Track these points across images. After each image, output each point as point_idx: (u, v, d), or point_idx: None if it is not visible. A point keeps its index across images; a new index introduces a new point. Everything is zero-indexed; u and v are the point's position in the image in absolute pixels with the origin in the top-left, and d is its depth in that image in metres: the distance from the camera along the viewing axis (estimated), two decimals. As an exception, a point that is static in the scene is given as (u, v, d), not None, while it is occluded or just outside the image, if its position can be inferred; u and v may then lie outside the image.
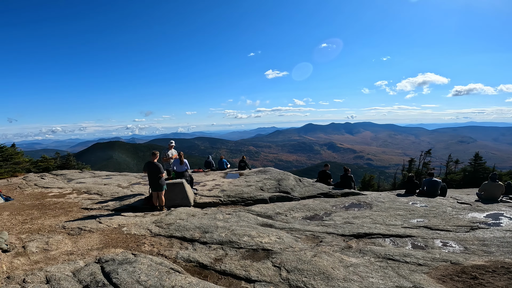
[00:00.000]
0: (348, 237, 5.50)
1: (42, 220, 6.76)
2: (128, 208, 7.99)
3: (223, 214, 6.99)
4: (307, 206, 8.01)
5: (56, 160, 20.67)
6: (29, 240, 5.27)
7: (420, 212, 7.36)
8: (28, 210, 7.70)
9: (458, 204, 8.27)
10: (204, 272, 4.18)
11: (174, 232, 5.69)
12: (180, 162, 8.90)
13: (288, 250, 4.68)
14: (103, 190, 10.11)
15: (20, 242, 5.18)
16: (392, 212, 7.46)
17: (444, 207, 7.89)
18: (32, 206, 8.16)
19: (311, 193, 9.73)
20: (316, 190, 10.03)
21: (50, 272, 3.87)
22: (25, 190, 10.75)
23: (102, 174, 15.02)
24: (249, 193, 9.31)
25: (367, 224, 6.32)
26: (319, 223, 6.54)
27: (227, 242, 5.09)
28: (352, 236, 5.52)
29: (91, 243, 5.28)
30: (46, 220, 6.76)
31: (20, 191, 10.50)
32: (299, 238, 5.39)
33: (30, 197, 9.43)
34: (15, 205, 8.32)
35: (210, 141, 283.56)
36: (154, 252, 4.88)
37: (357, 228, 5.99)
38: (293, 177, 11.44)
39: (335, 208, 7.96)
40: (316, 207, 7.92)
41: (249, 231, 5.51)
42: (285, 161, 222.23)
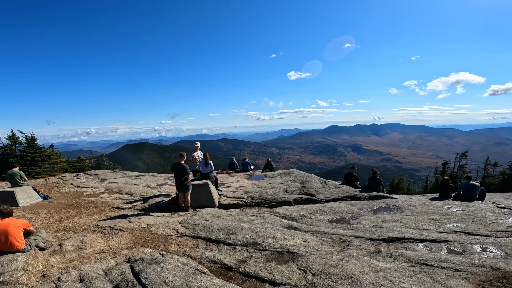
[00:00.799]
0: (377, 241, 5.27)
1: (77, 218, 7.14)
2: (156, 208, 8.22)
3: (247, 216, 6.97)
4: (333, 209, 7.80)
5: (91, 160, 21.87)
6: (65, 239, 5.56)
7: (457, 217, 6.92)
8: (65, 209, 8.18)
9: (497, 209, 7.68)
10: (229, 273, 4.18)
11: (200, 233, 5.76)
12: (205, 163, 9.03)
13: (314, 253, 4.57)
14: (133, 190, 10.50)
15: (56, 240, 5.48)
16: (425, 216, 7.07)
17: (482, 211, 7.38)
18: (68, 205, 8.66)
19: (337, 196, 9.48)
20: (342, 193, 9.76)
21: (84, 271, 4.04)
22: (62, 189, 11.46)
23: (132, 175, 15.65)
24: (273, 195, 9.24)
25: (398, 228, 6.02)
26: (345, 226, 6.34)
27: (252, 244, 5.06)
28: (381, 240, 5.28)
29: (122, 242, 5.47)
30: (81, 218, 7.14)
31: (57, 190, 11.20)
32: (325, 241, 5.25)
33: (67, 196, 10.02)
34: (53, 204, 8.88)
35: (233, 142, 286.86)
36: (180, 253, 4.96)
37: (387, 232, 5.72)
38: (318, 179, 11.22)
39: (363, 211, 7.68)
40: (343, 210, 7.69)
41: (274, 233, 5.45)
42: (308, 163, 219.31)
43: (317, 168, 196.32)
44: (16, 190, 8.70)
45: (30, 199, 9.02)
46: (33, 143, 17.54)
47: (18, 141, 17.52)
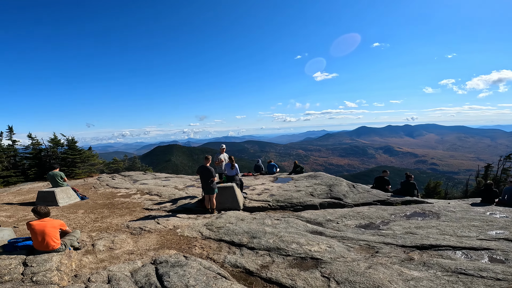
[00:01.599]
0: (409, 248, 4.94)
1: (110, 219, 7.51)
2: (183, 209, 8.41)
3: (271, 220, 6.90)
4: (362, 213, 7.48)
5: (124, 162, 23.05)
6: (98, 239, 5.85)
7: (500, 223, 6.33)
8: (100, 209, 8.66)
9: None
10: (250, 278, 4.14)
11: (223, 236, 5.79)
12: (231, 166, 9.11)
13: (339, 260, 4.38)
14: (162, 192, 10.87)
15: (90, 240, 5.78)
16: (465, 222, 6.54)
17: (528, 217, 6.70)
18: (103, 205, 9.16)
19: (366, 200, 9.10)
20: (372, 197, 9.35)
21: (112, 272, 4.19)
22: (98, 189, 12.16)
23: (161, 176, 16.23)
24: (299, 199, 9.08)
25: (434, 235, 5.61)
26: (375, 232, 6.03)
27: (275, 248, 4.98)
28: (414, 248, 4.94)
29: (149, 243, 5.64)
30: (114, 219, 7.50)
31: (94, 191, 11.91)
32: (352, 248, 5.02)
33: (102, 197, 10.62)
34: (89, 204, 9.45)
35: (259, 144, 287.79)
36: (204, 255, 5.00)
37: (420, 239, 5.35)
38: (346, 183, 10.85)
39: (394, 216, 7.28)
40: (372, 215, 7.34)
41: (298, 238, 5.33)
42: (335, 165, 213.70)
43: (345, 170, 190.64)
44: (56, 190, 9.36)
45: (69, 199, 9.66)
46: (74, 145, 18.85)
47: (59, 144, 18.93)
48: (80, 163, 17.98)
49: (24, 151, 18.80)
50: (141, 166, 23.77)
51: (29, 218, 7.48)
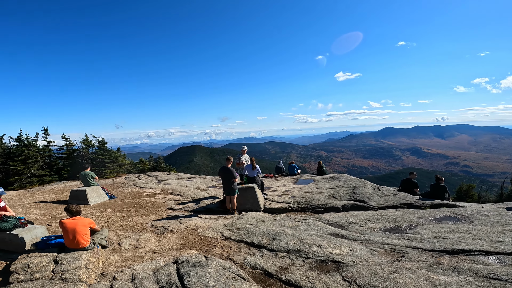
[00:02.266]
0: (438, 252, 4.69)
1: (136, 218, 7.80)
2: (204, 210, 8.55)
3: (292, 221, 6.84)
4: (387, 217, 7.21)
5: (150, 162, 23.87)
6: (124, 237, 6.09)
7: (538, 228, 5.86)
8: (127, 208, 9.01)
9: None
10: (269, 280, 4.12)
11: (244, 237, 5.81)
12: (252, 167, 9.14)
13: (362, 264, 4.25)
14: (184, 192, 11.13)
15: (117, 238, 6.03)
16: (500, 227, 6.10)
17: None
18: (130, 205, 9.53)
19: (392, 203, 8.76)
20: (398, 200, 8.98)
21: (136, 270, 4.34)
22: (125, 189, 12.68)
23: (184, 176, 16.63)
24: (320, 201, 8.93)
25: (465, 240, 5.29)
26: (401, 236, 5.78)
27: (295, 251, 4.94)
28: (444, 252, 4.69)
29: (172, 243, 5.79)
30: (139, 218, 7.77)
31: (121, 190, 12.43)
32: (376, 252, 4.85)
33: (129, 196, 11.06)
34: (117, 203, 9.86)
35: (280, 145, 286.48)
36: (224, 256, 5.05)
37: (451, 243, 5.06)
38: (371, 185, 10.51)
39: (423, 220, 6.94)
40: (398, 219, 7.05)
41: (319, 241, 5.24)
42: (359, 166, 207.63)
43: (369, 172, 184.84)
44: (87, 189, 9.87)
45: (99, 198, 10.16)
46: (104, 146, 19.82)
47: (91, 144, 19.99)
48: (110, 163, 18.85)
49: (58, 151, 20.06)
50: (165, 167, 24.49)
51: (62, 216, 7.95)
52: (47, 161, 19.20)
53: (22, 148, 17.53)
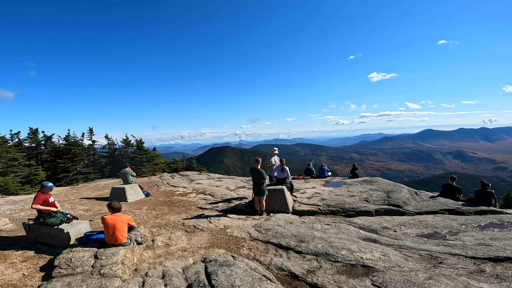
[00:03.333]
0: (481, 260, 4.34)
1: (169, 216, 8.14)
2: (233, 210, 8.68)
3: (321, 224, 6.70)
4: (425, 222, 6.80)
5: (183, 162, 24.79)
6: (157, 234, 6.38)
7: None
8: (160, 206, 9.45)
9: None
10: (295, 282, 4.09)
11: (271, 238, 5.80)
12: (281, 169, 9.10)
13: (394, 269, 4.05)
14: (215, 192, 11.40)
15: (151, 235, 6.33)
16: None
17: None
18: (164, 203, 9.98)
19: (430, 209, 8.25)
20: (438, 206, 8.43)
21: (166, 267, 4.52)
22: (160, 187, 13.30)
23: (215, 177, 17.04)
24: (351, 204, 8.66)
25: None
26: (439, 243, 5.43)
27: (323, 254, 4.84)
28: (487, 260, 4.32)
29: (201, 241, 5.95)
30: (172, 216, 8.11)
31: (156, 188, 13.06)
32: (410, 257, 4.60)
33: (163, 194, 11.58)
34: (152, 201, 10.38)
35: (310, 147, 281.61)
36: (251, 256, 5.08)
37: (495, 250, 4.66)
38: (407, 190, 9.98)
39: (465, 227, 6.44)
40: (437, 225, 6.61)
41: (349, 245, 5.08)
42: (394, 170, 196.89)
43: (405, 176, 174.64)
44: (126, 187, 10.51)
45: (136, 195, 10.77)
46: (141, 145, 21.00)
47: (130, 144, 21.29)
48: (146, 162, 19.92)
49: (101, 150, 21.63)
50: (197, 167, 25.25)
51: (103, 212, 8.55)
52: (91, 159, 20.78)
53: (70, 147, 19.17)
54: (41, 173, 15.49)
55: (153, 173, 19.39)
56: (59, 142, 21.18)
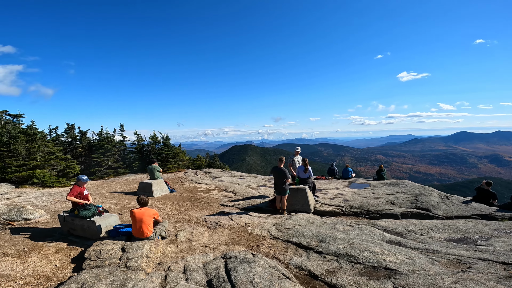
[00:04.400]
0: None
1: (191, 212, 8.37)
2: (254, 208, 8.74)
3: (343, 225, 6.59)
4: (454, 227, 6.50)
5: (206, 159, 25.32)
6: (180, 230, 6.57)
7: None
8: (184, 202, 9.74)
9: None
10: (313, 282, 4.08)
11: (291, 237, 5.80)
12: (304, 169, 9.03)
13: (419, 273, 3.94)
14: (236, 189, 11.54)
15: (174, 230, 6.53)
16: None
17: None
18: (187, 199, 10.27)
19: (462, 213, 7.85)
20: (470, 210, 8.00)
21: (188, 262, 4.66)
22: (184, 183, 13.70)
23: (237, 174, 17.24)
24: (376, 206, 8.43)
25: (546, 253, 4.55)
26: (469, 247, 5.19)
27: (344, 255, 4.78)
28: None
29: (222, 238, 6.07)
30: (194, 212, 8.33)
31: (180, 184, 13.46)
32: (437, 261, 4.44)
33: (187, 190, 11.92)
34: (176, 197, 10.72)
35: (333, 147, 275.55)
36: (270, 255, 5.12)
37: None
38: (437, 193, 9.54)
39: (498, 232, 6.09)
40: (468, 230, 6.30)
41: (372, 247, 4.98)
42: (423, 173, 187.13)
43: (435, 180, 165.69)
44: (153, 182, 10.93)
45: (161, 190, 11.17)
46: (167, 142, 21.71)
47: (157, 140, 22.09)
48: (172, 158, 20.57)
49: (130, 146, 22.65)
50: (219, 164, 25.68)
51: (131, 206, 8.97)
52: (122, 154, 21.84)
53: (102, 142, 20.28)
54: (76, 167, 16.52)
55: (177, 170, 19.97)
56: (93, 137, 22.48)
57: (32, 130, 15.38)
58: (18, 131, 14.46)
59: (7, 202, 9.62)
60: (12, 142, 13.59)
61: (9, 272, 4.45)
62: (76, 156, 20.83)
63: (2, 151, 13.55)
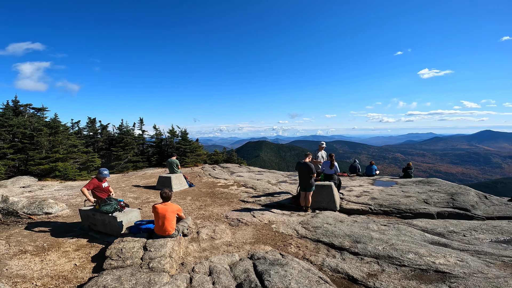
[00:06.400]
0: None
1: (212, 208, 8.11)
2: (277, 205, 8.40)
3: (377, 225, 6.14)
4: (499, 228, 5.99)
5: (223, 154, 25.20)
6: (202, 226, 6.30)
7: None
8: (203, 197, 9.50)
9: None
10: (353, 286, 3.73)
11: (321, 237, 5.44)
12: (330, 164, 8.57)
13: (477, 276, 3.56)
14: (256, 185, 11.22)
15: (195, 227, 6.25)
16: None
17: None
18: (206, 194, 10.04)
19: (504, 214, 7.29)
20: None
21: (213, 263, 4.31)
22: (202, 178, 13.52)
23: (255, 170, 16.93)
24: (408, 205, 7.91)
25: None
26: None
27: (385, 256, 4.38)
28: None
29: (246, 236, 5.74)
30: (215, 208, 8.06)
31: (199, 179, 13.29)
32: (492, 264, 4.04)
33: (205, 185, 11.71)
34: (195, 191, 10.51)
35: (349, 145, 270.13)
36: (300, 255, 4.77)
37: None
38: (475, 192, 8.91)
39: None
40: (514, 230, 5.80)
41: (416, 248, 4.57)
42: (444, 172, 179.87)
43: (457, 180, 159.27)
44: (172, 176, 10.76)
45: (180, 185, 11.01)
46: (185, 136, 21.67)
47: (175, 135, 22.10)
48: (189, 153, 20.51)
49: (149, 140, 22.77)
50: (237, 159, 25.52)
51: (151, 201, 8.80)
52: (141, 148, 22.01)
53: (123, 136, 20.47)
54: (97, 160, 16.74)
55: (195, 164, 19.90)
56: (113, 131, 22.79)
57: (55, 123, 15.66)
58: (42, 124, 14.73)
59: (28, 195, 9.65)
60: (35, 134, 13.86)
61: (26, 272, 4.21)
62: (97, 150, 21.19)
63: (25, 144, 13.85)
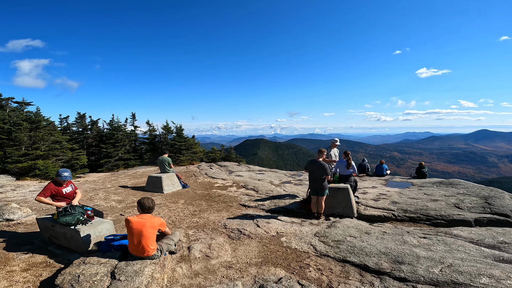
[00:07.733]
0: None
1: (207, 213, 6.88)
2: (283, 210, 7.23)
3: (415, 237, 4.98)
4: None
5: (221, 152, 23.98)
6: (194, 239, 5.08)
7: None
8: (198, 201, 8.24)
9: None
10: None
11: (348, 255, 4.25)
12: (347, 164, 7.37)
13: None
14: (258, 186, 10.02)
15: (187, 240, 5.05)
16: None
17: None
18: (202, 196, 8.79)
19: None
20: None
21: None
22: (198, 178, 12.28)
23: (255, 169, 15.72)
24: (438, 210, 6.79)
25: None
26: None
27: (448, 283, 3.23)
28: None
29: (250, 253, 4.54)
30: (211, 214, 6.83)
31: (194, 179, 12.05)
32: None
33: (201, 186, 10.46)
34: (189, 194, 9.24)
35: (347, 143, 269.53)
36: (324, 283, 3.56)
37: None
38: (509, 196, 7.81)
39: None
40: None
41: (485, 269, 3.44)
42: (440, 171, 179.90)
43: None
44: (163, 176, 9.50)
45: (173, 186, 9.75)
46: (181, 132, 20.37)
47: (170, 131, 20.79)
48: (185, 150, 19.24)
49: (142, 136, 21.43)
50: (236, 157, 24.31)
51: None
52: (133, 145, 20.67)
53: (113, 132, 19.11)
54: (83, 158, 15.40)
55: (190, 162, 18.67)
56: (104, 127, 21.43)
57: (37, 117, 14.30)
58: (22, 118, 13.37)
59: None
60: (14, 130, 12.52)
61: None
62: (87, 147, 19.84)
63: (3, 140, 12.50)
